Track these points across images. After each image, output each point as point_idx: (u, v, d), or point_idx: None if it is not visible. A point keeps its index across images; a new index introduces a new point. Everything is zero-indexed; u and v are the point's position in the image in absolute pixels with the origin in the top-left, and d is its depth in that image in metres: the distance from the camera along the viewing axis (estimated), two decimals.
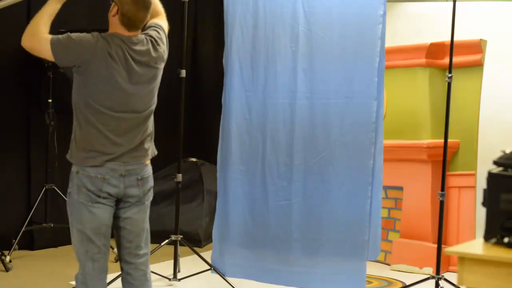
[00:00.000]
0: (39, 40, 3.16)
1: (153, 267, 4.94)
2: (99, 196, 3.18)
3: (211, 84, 6.93)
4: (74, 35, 3.18)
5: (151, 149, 3.36)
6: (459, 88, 5.12)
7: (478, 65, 5.28)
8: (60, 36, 3.18)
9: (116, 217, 3.29)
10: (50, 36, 3.17)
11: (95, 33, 3.20)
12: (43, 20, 3.21)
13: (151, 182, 3.37)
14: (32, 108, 5.92)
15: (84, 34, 3.19)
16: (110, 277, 4.62)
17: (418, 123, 5.43)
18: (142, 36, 3.30)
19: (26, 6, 5.73)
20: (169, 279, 4.77)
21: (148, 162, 3.35)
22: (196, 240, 6.06)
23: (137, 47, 3.25)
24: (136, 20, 3.22)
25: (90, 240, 3.19)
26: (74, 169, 3.21)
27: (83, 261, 3.21)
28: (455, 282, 4.24)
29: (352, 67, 4.45)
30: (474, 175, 5.25)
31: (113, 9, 3.23)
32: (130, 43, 3.23)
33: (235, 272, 4.79)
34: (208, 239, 5.91)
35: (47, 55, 3.17)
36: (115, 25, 3.24)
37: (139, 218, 3.34)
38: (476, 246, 2.22)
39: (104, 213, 3.21)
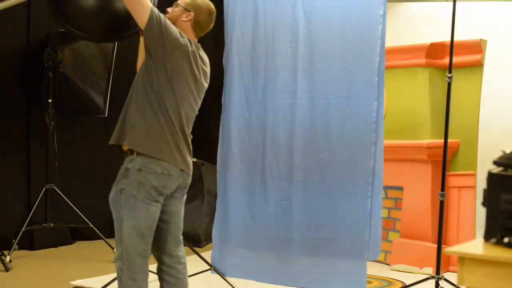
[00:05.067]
0: (142, 1, 3.19)
1: (153, 267, 4.96)
2: (161, 194, 3.26)
3: (211, 84, 6.91)
4: (169, 22, 3.25)
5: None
6: (459, 88, 5.12)
7: (478, 65, 5.28)
8: (159, 13, 3.23)
9: (160, 211, 3.35)
10: (151, 6, 3.21)
11: (180, 31, 3.30)
12: None
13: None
14: (32, 108, 5.93)
15: (174, 27, 3.27)
16: (110, 277, 4.63)
17: (418, 123, 5.43)
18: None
19: (26, 6, 5.74)
20: None
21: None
22: (196, 240, 6.06)
23: (202, 54, 3.44)
24: (206, 30, 3.46)
25: (142, 236, 3.24)
26: (134, 165, 3.24)
27: (133, 256, 3.25)
28: (455, 282, 4.24)
29: (352, 67, 4.45)
30: (474, 175, 5.25)
31: (186, 14, 3.37)
32: (198, 48, 3.40)
33: (235, 272, 4.79)
34: (208, 239, 5.91)
35: (139, 19, 3.20)
36: (185, 30, 3.37)
37: (182, 211, 3.48)
38: (476, 246, 2.22)
39: (158, 211, 3.30)
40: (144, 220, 3.24)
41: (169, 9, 3.45)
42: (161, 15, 3.25)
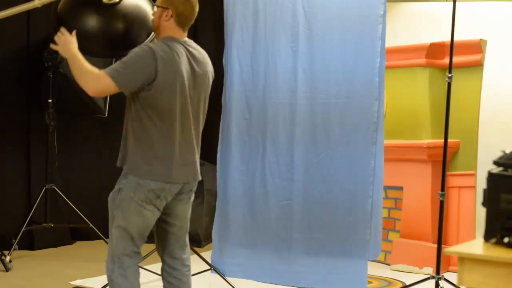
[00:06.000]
0: (97, 80, 3.11)
1: (153, 267, 4.96)
2: (158, 197, 3.21)
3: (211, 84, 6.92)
4: (130, 60, 3.13)
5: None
6: (459, 88, 5.11)
7: (478, 65, 5.28)
8: (116, 67, 3.12)
9: (166, 214, 3.34)
10: (104, 72, 3.11)
11: (150, 46, 3.17)
12: (85, 64, 3.18)
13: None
14: (32, 108, 5.92)
15: (140, 53, 3.14)
16: None
17: (418, 123, 5.43)
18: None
19: None
20: None
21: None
22: (196, 240, 6.06)
23: (192, 50, 3.32)
24: (193, 17, 3.31)
25: (131, 239, 3.23)
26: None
27: (121, 255, 3.24)
28: (455, 282, 4.24)
29: (353, 67, 4.45)
30: (474, 175, 5.25)
31: (165, 13, 3.25)
32: (187, 45, 3.30)
33: (235, 272, 4.79)
34: (208, 239, 5.91)
35: (115, 90, 3.13)
36: (170, 29, 3.26)
37: (188, 213, 3.47)
38: (476, 246, 2.22)
39: (153, 216, 3.26)
40: (135, 223, 3.21)
41: (152, 15, 3.38)
42: (119, 65, 3.12)
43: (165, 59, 3.15)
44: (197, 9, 3.33)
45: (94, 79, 3.12)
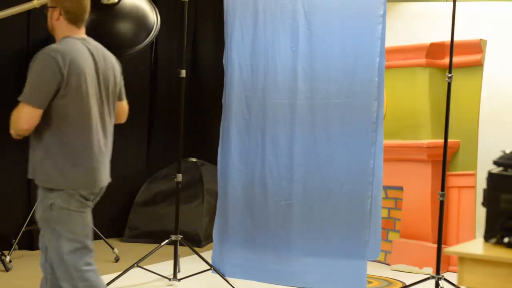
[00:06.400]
0: (19, 116, 3.05)
1: (153, 267, 4.96)
2: (88, 199, 3.14)
3: (211, 84, 6.92)
4: (34, 76, 3.03)
5: None
6: (459, 88, 5.11)
7: (478, 65, 5.28)
8: (25, 91, 3.05)
9: None
10: (19, 106, 3.06)
11: (49, 53, 3.01)
12: (11, 117, 3.13)
13: None
14: None
15: (41, 65, 3.02)
16: (110, 277, 4.63)
17: (418, 123, 5.43)
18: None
19: None
20: (169, 279, 4.77)
21: None
22: (196, 240, 6.06)
23: (92, 46, 3.17)
24: (83, 12, 3.13)
25: (85, 247, 3.13)
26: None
27: (79, 266, 3.11)
28: (455, 282, 4.24)
29: (353, 67, 4.45)
30: (474, 175, 5.25)
31: (54, 14, 3.12)
32: (86, 42, 3.15)
33: (235, 272, 4.79)
34: (208, 239, 5.91)
35: (38, 112, 3.02)
36: (64, 28, 3.12)
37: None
38: (476, 246, 2.22)
39: (90, 215, 3.19)
40: (82, 230, 3.11)
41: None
42: (26, 88, 3.07)
43: (68, 62, 3.01)
44: (86, 2, 3.16)
45: (18, 117, 3.05)
